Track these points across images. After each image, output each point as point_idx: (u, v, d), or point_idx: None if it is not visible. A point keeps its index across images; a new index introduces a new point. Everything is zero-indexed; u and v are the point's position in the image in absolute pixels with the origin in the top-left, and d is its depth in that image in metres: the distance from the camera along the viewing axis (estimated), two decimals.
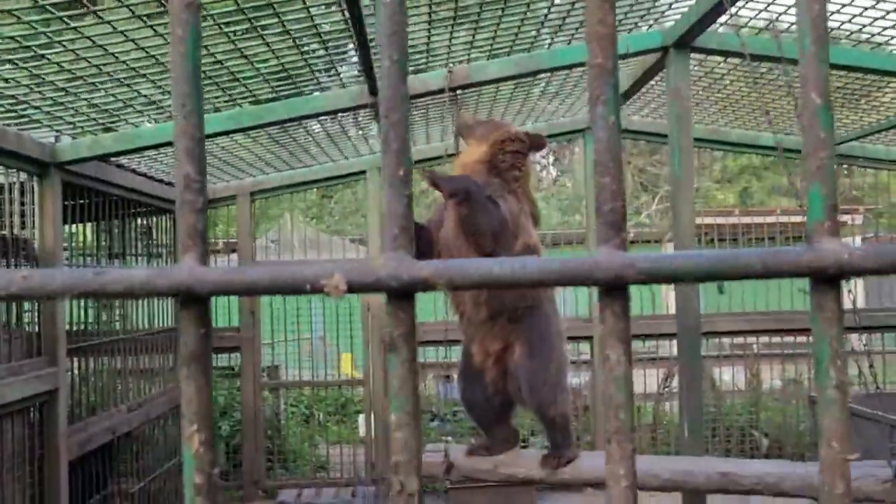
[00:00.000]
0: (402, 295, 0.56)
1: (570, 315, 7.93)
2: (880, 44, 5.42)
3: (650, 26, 5.17)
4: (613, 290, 0.53)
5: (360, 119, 6.06)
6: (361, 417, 9.71)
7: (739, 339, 8.35)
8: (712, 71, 6.11)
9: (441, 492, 7.54)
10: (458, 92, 5.34)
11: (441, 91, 5.05)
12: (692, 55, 5.21)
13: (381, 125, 0.60)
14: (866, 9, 4.78)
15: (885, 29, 5.19)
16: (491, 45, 5.08)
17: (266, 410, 8.01)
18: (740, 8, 5.05)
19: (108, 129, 5.13)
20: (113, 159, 5.57)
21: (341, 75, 5.44)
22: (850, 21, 4.96)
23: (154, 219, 7.20)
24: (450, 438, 7.64)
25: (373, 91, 4.86)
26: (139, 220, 6.97)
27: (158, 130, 4.89)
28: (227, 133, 5.01)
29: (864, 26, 5.07)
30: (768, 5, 4.82)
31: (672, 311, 9.77)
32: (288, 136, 6.40)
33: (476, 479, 4.10)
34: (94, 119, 4.96)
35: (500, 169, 3.48)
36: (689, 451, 4.88)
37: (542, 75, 5.91)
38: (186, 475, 0.57)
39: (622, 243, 0.53)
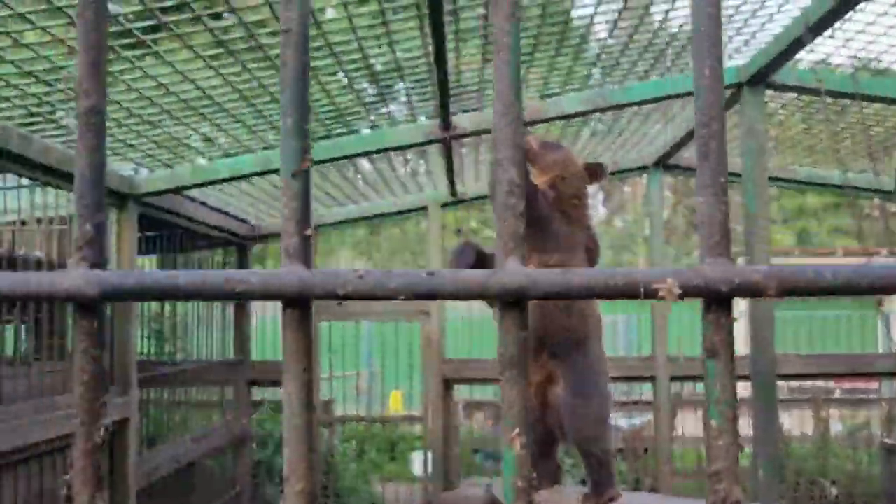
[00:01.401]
0: (723, 300, 0.54)
1: (633, 354, 7.82)
2: None
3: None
4: None
5: (427, 155, 6.08)
6: (414, 455, 9.62)
7: (798, 383, 8.10)
8: (784, 107, 6.03)
9: None
10: (529, 128, 5.34)
11: None
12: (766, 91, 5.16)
13: (697, 134, 0.58)
14: None
15: None
16: (545, 82, 5.08)
17: (321, 446, 7.98)
18: (816, 46, 4.99)
19: (167, 165, 5.25)
20: (185, 192, 5.66)
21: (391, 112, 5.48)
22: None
23: (220, 251, 7.28)
24: (477, 478, 7.53)
25: (445, 126, 4.87)
26: (204, 253, 7.06)
27: (236, 164, 4.96)
28: None
29: None
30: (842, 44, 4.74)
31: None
32: (342, 172, 6.44)
33: None
34: (153, 156, 5.06)
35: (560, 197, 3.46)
36: (764, 498, 4.73)
37: (609, 112, 5.89)
38: (507, 477, 0.60)
39: None
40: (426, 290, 0.54)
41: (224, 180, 5.08)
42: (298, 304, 0.60)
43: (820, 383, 8.05)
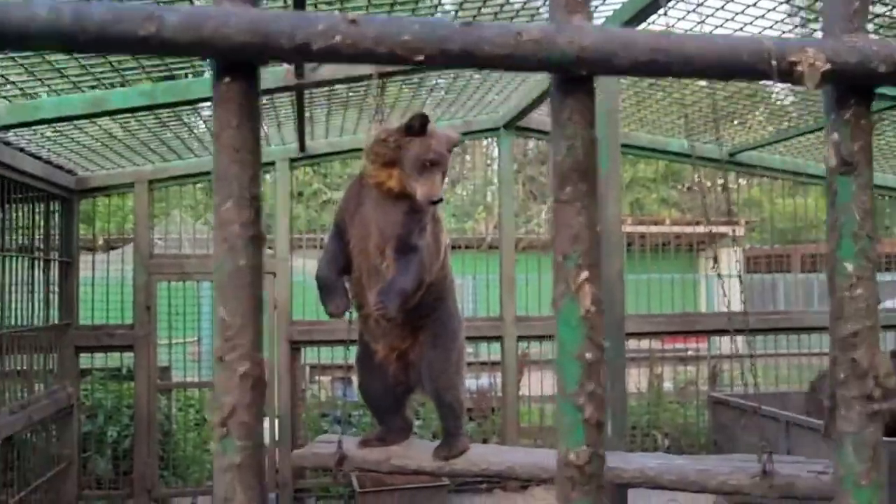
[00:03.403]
0: (866, 93, 0.39)
1: (482, 315, 7.87)
2: None
3: None
4: None
5: (277, 106, 5.75)
6: None
7: (635, 342, 8.49)
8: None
9: (346, 496, 7.28)
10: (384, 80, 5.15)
11: (369, 76, 4.84)
12: None
13: None
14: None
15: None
16: None
17: (158, 414, 7.51)
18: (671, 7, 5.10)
19: None
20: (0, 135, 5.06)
21: None
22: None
23: (41, 205, 6.59)
24: (329, 434, 7.38)
25: (298, 73, 4.59)
26: (23, 207, 6.35)
27: (61, 103, 4.44)
28: (136, 110, 4.62)
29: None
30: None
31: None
32: (182, 122, 5.99)
33: (368, 470, 4.01)
34: None
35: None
36: (613, 450, 4.86)
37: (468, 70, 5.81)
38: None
39: None
40: (459, 45, 0.38)
41: (46, 121, 4.54)
42: (244, 68, 0.41)
43: (657, 343, 8.47)
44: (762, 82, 6.98)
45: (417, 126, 3.26)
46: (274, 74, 4.71)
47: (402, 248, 3.26)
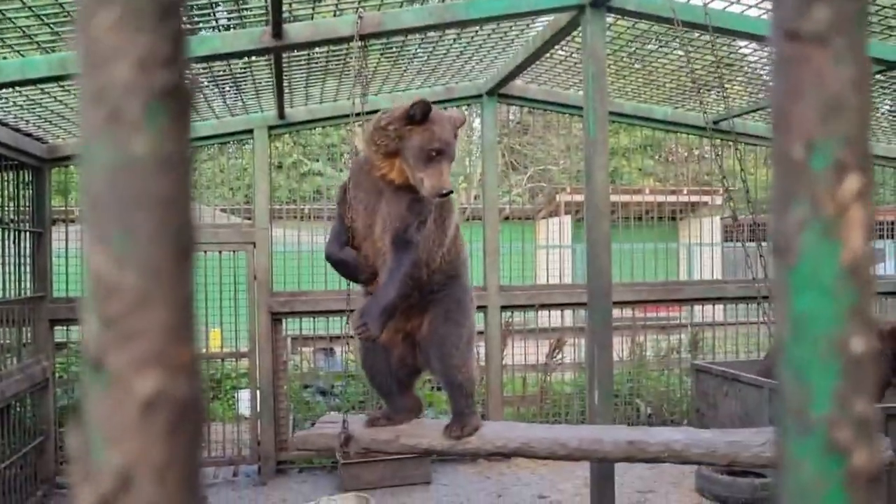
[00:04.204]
0: None
1: None
2: None
3: None
4: None
5: (253, 71, 5.57)
6: (240, 393, 9.18)
7: (616, 311, 8.44)
8: (619, 37, 6.05)
9: (329, 467, 7.21)
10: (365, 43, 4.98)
11: (350, 39, 4.68)
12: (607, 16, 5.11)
13: None
14: None
15: None
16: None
17: None
18: None
19: None
20: None
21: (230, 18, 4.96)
22: None
23: (10, 174, 6.38)
24: (334, 413, 7.28)
25: (276, 33, 4.42)
26: None
27: (24, 65, 4.23)
28: None
29: None
30: None
31: (545, 280, 9.76)
32: None
33: (376, 451, 3.86)
34: None
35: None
36: (600, 420, 4.81)
37: (450, 35, 5.66)
38: None
39: None
40: None
41: (9, 84, 4.32)
42: None
43: (639, 312, 8.43)
44: (741, 51, 6.95)
45: (419, 115, 3.12)
46: (250, 35, 4.54)
47: (397, 241, 3.19)
